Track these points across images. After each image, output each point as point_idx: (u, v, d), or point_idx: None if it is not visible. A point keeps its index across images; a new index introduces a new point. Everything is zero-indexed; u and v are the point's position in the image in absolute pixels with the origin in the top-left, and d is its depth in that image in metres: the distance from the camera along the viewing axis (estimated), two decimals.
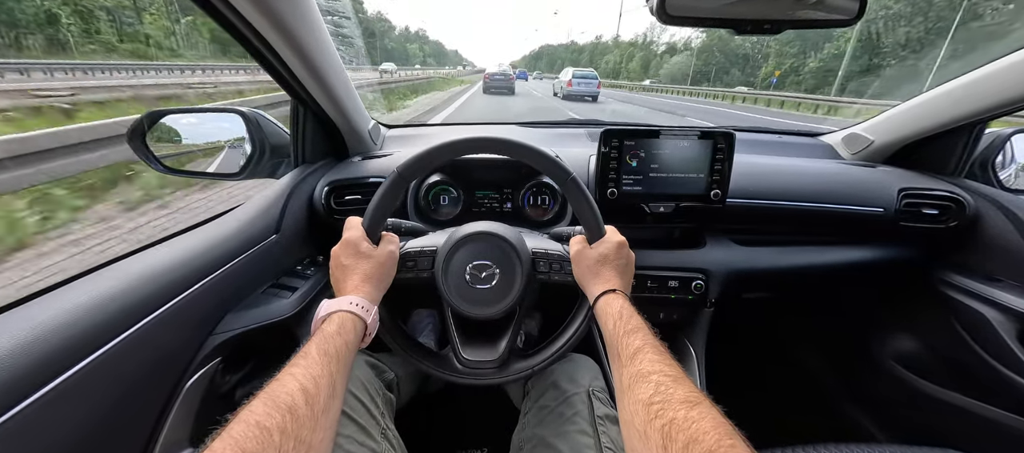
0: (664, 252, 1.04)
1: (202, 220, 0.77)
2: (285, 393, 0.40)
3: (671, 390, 0.43)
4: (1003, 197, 1.01)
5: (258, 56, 0.75)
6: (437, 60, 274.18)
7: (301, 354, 0.47)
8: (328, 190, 0.93)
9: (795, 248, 1.10)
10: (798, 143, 1.38)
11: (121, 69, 20.45)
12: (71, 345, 0.46)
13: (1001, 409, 0.96)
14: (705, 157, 0.93)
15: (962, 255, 1.06)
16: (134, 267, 0.58)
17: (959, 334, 1.04)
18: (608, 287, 0.61)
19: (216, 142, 1.00)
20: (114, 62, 24.27)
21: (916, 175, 1.09)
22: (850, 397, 1.39)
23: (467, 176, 1.05)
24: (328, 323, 0.53)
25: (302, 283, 0.85)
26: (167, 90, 11.05)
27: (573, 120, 1.53)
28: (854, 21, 0.62)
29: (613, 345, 0.54)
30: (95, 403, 0.49)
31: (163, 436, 0.59)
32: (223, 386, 0.71)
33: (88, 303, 0.50)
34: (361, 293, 0.58)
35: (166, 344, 0.59)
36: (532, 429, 0.76)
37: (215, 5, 0.61)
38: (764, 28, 0.59)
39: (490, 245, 0.68)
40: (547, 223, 1.04)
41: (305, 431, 0.39)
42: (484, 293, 0.67)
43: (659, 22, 0.57)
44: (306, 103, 0.91)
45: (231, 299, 0.71)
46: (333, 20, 0.99)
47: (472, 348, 0.70)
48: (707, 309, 1.06)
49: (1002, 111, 0.95)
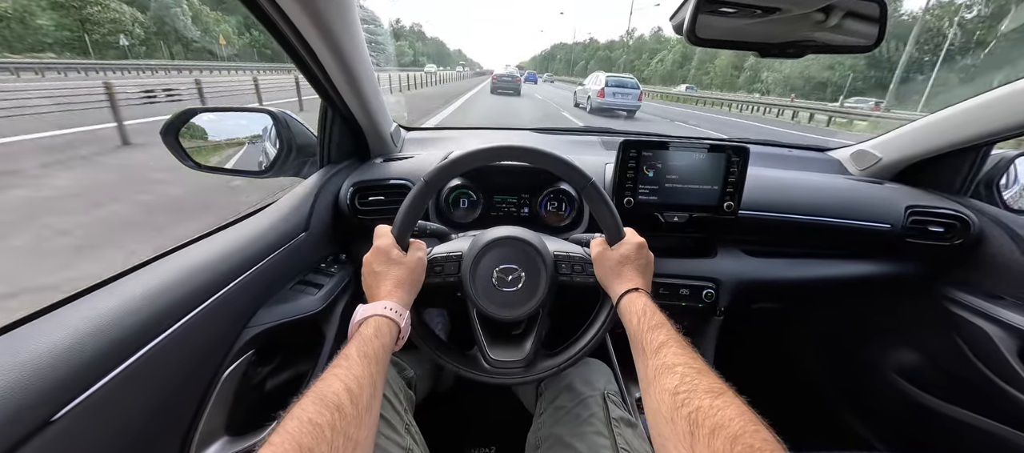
0: (676, 260, 1.07)
1: (239, 217, 0.80)
2: (332, 393, 0.43)
3: (696, 381, 0.45)
4: (1007, 217, 1.04)
5: (297, 58, 0.77)
6: (436, 61, 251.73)
7: (342, 356, 0.49)
8: (353, 190, 0.96)
9: (804, 260, 1.12)
10: (808, 157, 1.40)
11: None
12: (127, 337, 0.49)
13: (1001, 423, 0.99)
14: (719, 169, 0.96)
15: (966, 272, 1.09)
16: (183, 261, 0.61)
17: (961, 349, 1.06)
18: (631, 286, 0.64)
19: (238, 139, 1.03)
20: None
21: (923, 193, 1.12)
22: (853, 407, 1.42)
23: (487, 181, 1.07)
24: (365, 327, 0.55)
25: (327, 280, 0.87)
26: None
27: (588, 127, 1.56)
28: (874, 46, 0.65)
29: (637, 340, 0.56)
30: (146, 393, 0.51)
31: (202, 424, 0.62)
32: (255, 377, 0.74)
33: (143, 296, 0.53)
34: (394, 298, 0.61)
35: (208, 336, 0.61)
36: (549, 428, 0.79)
37: (265, 10, 0.63)
38: (788, 52, 0.61)
39: (515, 249, 0.71)
40: (564, 228, 1.07)
41: (352, 428, 0.42)
42: (510, 296, 0.70)
43: (689, 43, 0.60)
44: (336, 105, 0.93)
45: (264, 294, 0.74)
46: (368, 28, 1.02)
47: (498, 349, 0.73)
48: (717, 317, 1.09)
49: (1008, 134, 0.98)
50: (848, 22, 0.68)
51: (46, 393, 0.40)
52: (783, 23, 0.66)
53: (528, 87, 29.95)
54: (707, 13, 0.63)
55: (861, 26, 0.66)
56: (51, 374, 0.41)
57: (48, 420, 0.39)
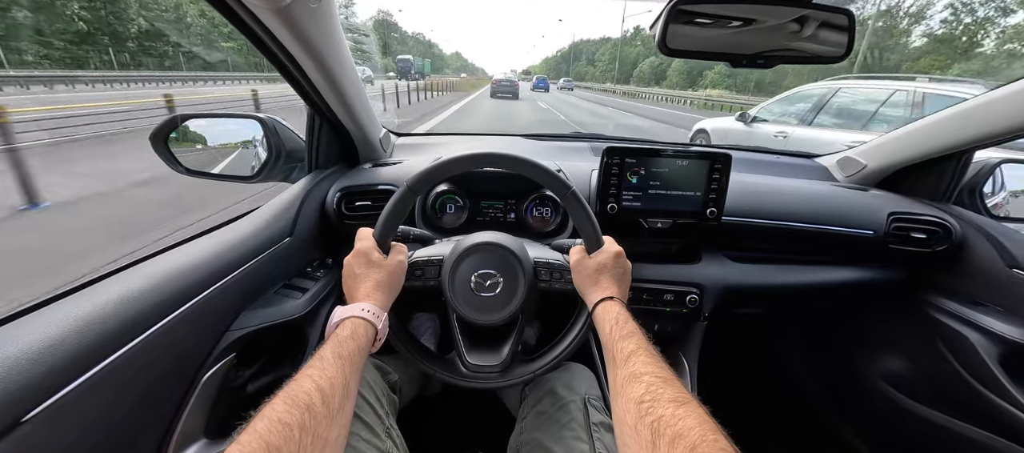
0: (660, 266, 1.07)
1: (224, 221, 0.81)
2: (303, 392, 0.44)
3: (661, 390, 0.46)
4: (988, 224, 1.05)
5: (280, 67, 0.79)
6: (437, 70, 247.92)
7: (317, 357, 0.50)
8: (339, 196, 0.97)
9: (788, 266, 1.13)
10: (793, 164, 1.42)
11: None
12: (103, 340, 0.49)
13: (982, 430, 0.99)
14: (702, 176, 0.97)
15: (948, 279, 1.10)
16: (162, 266, 0.62)
17: (944, 356, 1.07)
18: (606, 294, 0.65)
19: (227, 145, 1.04)
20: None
21: (906, 200, 1.13)
22: (838, 413, 1.42)
23: (473, 187, 1.08)
24: (342, 328, 0.56)
25: (312, 284, 0.88)
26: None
27: (577, 134, 1.57)
28: (843, 57, 0.66)
29: (609, 349, 0.57)
30: (122, 395, 0.52)
31: (180, 427, 0.62)
32: (236, 380, 0.74)
33: (119, 300, 0.54)
34: (372, 300, 0.62)
35: (187, 340, 0.62)
36: (529, 433, 0.79)
37: (245, 21, 0.65)
38: (758, 62, 0.63)
39: (494, 255, 0.72)
40: (549, 234, 1.08)
41: (322, 428, 0.42)
42: (488, 300, 0.71)
43: (660, 53, 0.61)
44: (323, 112, 0.95)
45: (247, 297, 0.75)
46: (353, 37, 1.04)
47: (476, 353, 0.74)
48: (701, 323, 1.10)
49: (991, 141, 0.99)
50: (820, 33, 0.69)
51: (17, 394, 0.40)
52: (755, 34, 0.67)
53: (546, 96, 28.75)
54: (680, 23, 0.64)
55: (832, 36, 0.67)
56: (23, 375, 0.41)
57: (19, 420, 0.40)
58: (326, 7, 0.68)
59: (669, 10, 0.62)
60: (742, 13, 0.68)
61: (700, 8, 0.65)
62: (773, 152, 1.49)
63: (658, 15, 0.68)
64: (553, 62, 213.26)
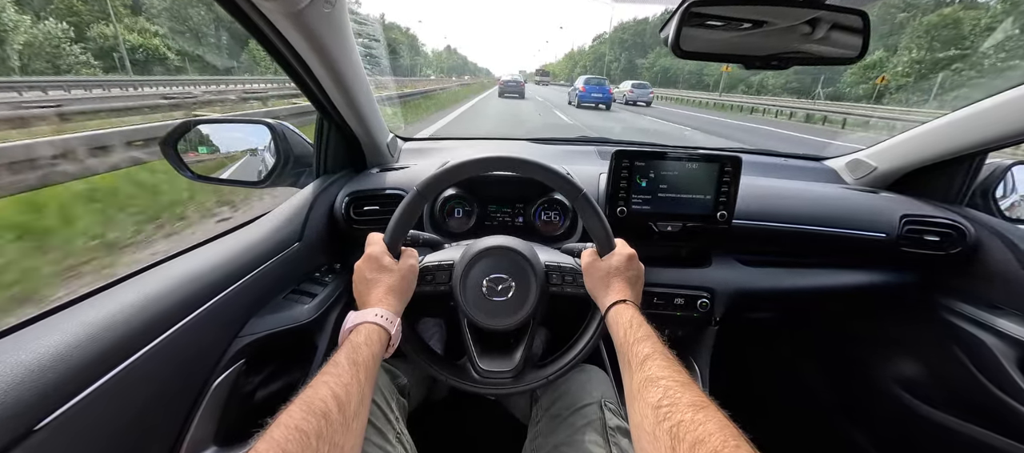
0: (671, 270, 1.06)
1: (235, 226, 0.81)
2: (319, 400, 0.43)
3: (679, 394, 0.45)
4: (1003, 226, 1.04)
5: (290, 71, 0.79)
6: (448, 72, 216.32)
7: (332, 363, 0.49)
8: (348, 200, 0.97)
9: (799, 270, 1.12)
10: (803, 167, 1.41)
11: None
12: (116, 346, 0.49)
13: (999, 435, 0.97)
14: (712, 179, 0.97)
15: (963, 282, 1.08)
16: (172, 272, 0.62)
17: (960, 360, 1.05)
18: (619, 298, 0.64)
19: (236, 151, 1.04)
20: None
21: (918, 202, 1.12)
22: (852, 418, 1.40)
23: (481, 191, 1.08)
24: (355, 334, 0.55)
25: (321, 290, 0.88)
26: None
27: (583, 137, 1.57)
28: (858, 58, 0.66)
29: (623, 353, 0.57)
30: (133, 402, 0.51)
31: (190, 435, 0.62)
32: (246, 386, 0.74)
33: (133, 305, 0.53)
34: (385, 305, 0.61)
35: (198, 344, 0.62)
36: (544, 438, 0.78)
37: (257, 24, 0.65)
38: (772, 64, 0.62)
39: (506, 259, 0.71)
40: (557, 238, 1.07)
41: (338, 435, 0.42)
42: (500, 305, 0.70)
43: (674, 56, 0.61)
44: (332, 116, 0.95)
45: (256, 303, 0.74)
46: (364, 42, 1.05)
47: (488, 359, 0.73)
48: (712, 327, 1.08)
49: (1004, 143, 0.97)
50: (833, 34, 0.69)
51: (30, 402, 0.40)
52: (768, 36, 0.67)
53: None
54: (692, 26, 0.64)
55: (846, 38, 0.67)
56: (36, 383, 0.41)
57: (32, 429, 0.40)
58: (339, 11, 0.68)
59: (682, 13, 0.62)
60: (754, 15, 0.67)
61: (712, 10, 0.65)
62: (781, 155, 1.48)
63: (669, 17, 0.68)
64: (585, 58, 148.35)
